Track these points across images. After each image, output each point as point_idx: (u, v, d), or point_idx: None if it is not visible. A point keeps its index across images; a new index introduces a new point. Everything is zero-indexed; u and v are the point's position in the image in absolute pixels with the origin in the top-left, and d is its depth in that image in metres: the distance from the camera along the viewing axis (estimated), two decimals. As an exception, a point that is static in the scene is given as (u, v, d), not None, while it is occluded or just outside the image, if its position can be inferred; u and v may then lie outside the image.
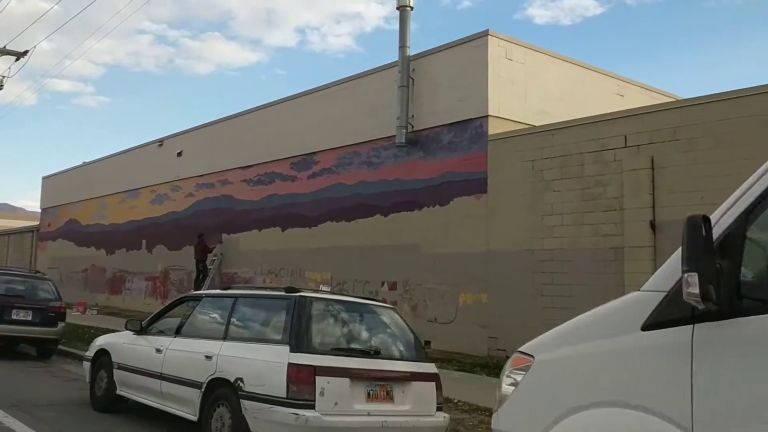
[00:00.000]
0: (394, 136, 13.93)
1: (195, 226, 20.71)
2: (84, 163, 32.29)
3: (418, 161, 13.48)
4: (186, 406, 6.05)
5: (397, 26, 14.12)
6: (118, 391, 7.26)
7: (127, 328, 7.47)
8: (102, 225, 27.16)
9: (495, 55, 12.42)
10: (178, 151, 22.12)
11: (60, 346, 12.24)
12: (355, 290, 14.61)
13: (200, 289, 18.79)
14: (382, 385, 5.48)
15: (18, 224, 45.92)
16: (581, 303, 10.86)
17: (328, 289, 12.75)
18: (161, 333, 7.06)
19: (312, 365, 5.15)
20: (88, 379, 7.92)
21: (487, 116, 12.24)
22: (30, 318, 11.30)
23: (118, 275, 25.49)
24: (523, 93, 12.81)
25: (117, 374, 7.32)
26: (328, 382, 5.15)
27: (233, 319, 6.14)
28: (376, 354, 5.74)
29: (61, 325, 11.73)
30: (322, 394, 5.09)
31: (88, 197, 28.65)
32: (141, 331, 7.29)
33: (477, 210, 12.23)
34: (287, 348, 5.29)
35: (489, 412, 6.48)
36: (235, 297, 6.43)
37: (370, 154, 14.65)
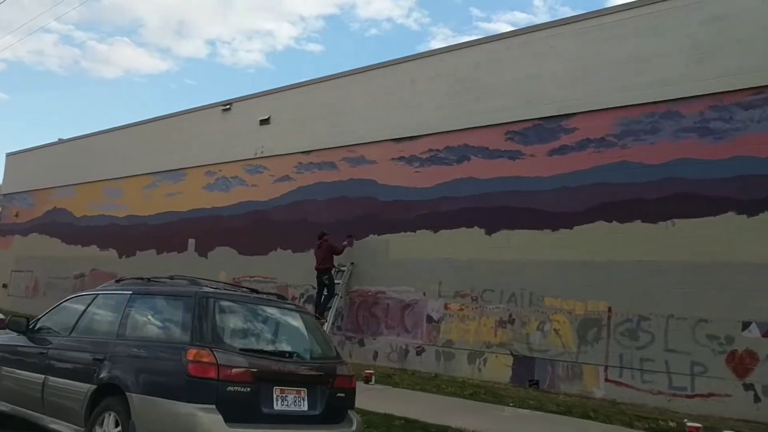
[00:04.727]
0: None
1: (295, 222, 14.58)
2: (60, 140, 25.16)
3: (838, 126, 8.22)
4: None
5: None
6: None
7: None
8: (112, 217, 20.23)
9: None
10: (263, 118, 15.88)
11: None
12: (670, 333, 9.10)
13: (326, 312, 12.81)
14: None
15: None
16: None
17: None
18: None
19: None
20: None
21: None
22: (305, 407, 4.92)
23: (141, 286, 18.63)
24: None
25: None
26: None
27: None
28: None
29: (356, 422, 5.33)
30: None
31: (87, 180, 21.61)
32: None
33: None
34: None
35: None
36: None
37: (705, 115, 9.23)
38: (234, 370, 4.57)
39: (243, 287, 6.23)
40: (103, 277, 20.16)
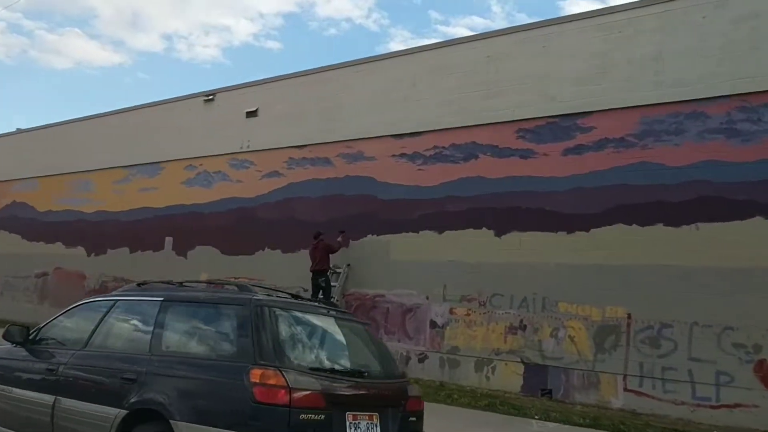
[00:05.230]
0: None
1: (285, 221, 13.89)
2: (18, 129, 23.80)
3: None
4: None
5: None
6: None
7: None
8: (80, 212, 19.08)
9: None
10: (250, 110, 15.11)
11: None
12: (694, 341, 8.81)
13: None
14: None
15: None
16: None
17: None
18: None
19: None
20: None
21: None
22: None
23: (111, 286, 17.56)
24: None
25: None
26: None
27: None
28: None
29: None
30: None
31: (52, 173, 20.34)
32: None
33: None
34: None
35: None
36: None
37: (732, 116, 8.98)
38: (306, 394, 3.85)
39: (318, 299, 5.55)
40: (69, 276, 19.04)
